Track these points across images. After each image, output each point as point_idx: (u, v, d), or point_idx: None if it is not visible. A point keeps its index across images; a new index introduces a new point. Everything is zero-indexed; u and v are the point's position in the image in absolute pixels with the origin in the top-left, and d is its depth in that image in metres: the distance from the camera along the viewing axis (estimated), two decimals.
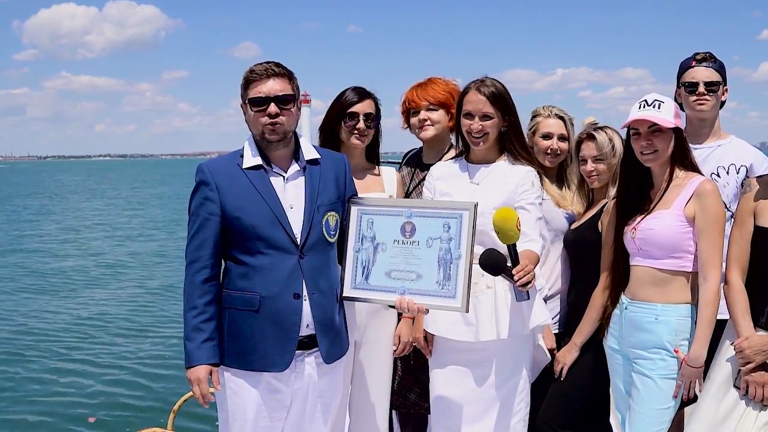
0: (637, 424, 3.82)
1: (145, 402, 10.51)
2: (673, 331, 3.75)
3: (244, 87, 3.65)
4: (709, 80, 4.51)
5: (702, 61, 4.57)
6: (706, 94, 4.49)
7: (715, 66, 4.56)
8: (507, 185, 4.04)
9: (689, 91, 4.53)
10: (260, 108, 3.60)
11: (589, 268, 4.21)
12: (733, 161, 4.48)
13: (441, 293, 3.59)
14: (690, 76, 4.56)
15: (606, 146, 4.29)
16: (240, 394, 3.66)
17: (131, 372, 11.99)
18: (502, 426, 4.11)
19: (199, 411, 8.50)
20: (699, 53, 4.62)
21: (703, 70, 4.55)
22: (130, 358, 12.83)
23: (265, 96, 3.59)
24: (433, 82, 4.71)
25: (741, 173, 4.47)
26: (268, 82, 3.60)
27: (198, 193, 3.65)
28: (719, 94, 4.55)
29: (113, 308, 16.96)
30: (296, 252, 3.60)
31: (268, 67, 3.62)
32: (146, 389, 11.11)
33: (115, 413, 10.08)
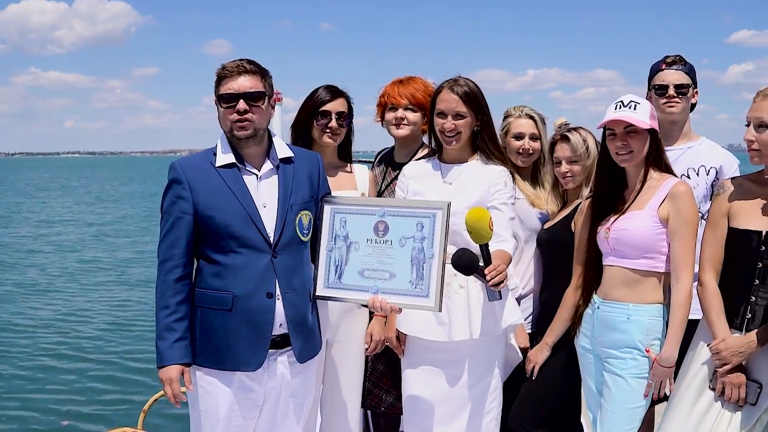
0: (609, 423, 3.84)
1: (115, 402, 10.42)
2: (645, 331, 3.78)
3: (216, 84, 3.63)
4: (678, 83, 4.57)
5: (672, 64, 4.63)
6: (676, 96, 4.55)
7: (684, 69, 4.62)
8: (480, 185, 4.06)
9: (659, 94, 4.58)
10: (230, 105, 3.58)
11: (562, 267, 4.24)
12: (704, 163, 4.54)
13: (414, 292, 3.60)
14: (660, 79, 4.62)
15: (580, 147, 4.32)
16: (212, 393, 3.65)
17: (100, 371, 11.89)
18: (474, 425, 4.13)
19: (170, 410, 8.46)
20: (669, 56, 4.67)
21: (672, 72, 4.60)
22: (100, 357, 12.73)
23: (235, 93, 3.57)
24: (414, 81, 4.71)
25: (711, 175, 4.53)
26: (238, 79, 3.59)
27: (170, 191, 3.62)
28: (689, 96, 4.61)
29: (83, 306, 16.81)
30: (269, 251, 3.59)
31: (240, 64, 3.61)
32: (116, 389, 11.03)
33: (84, 413, 9.98)
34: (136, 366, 12.06)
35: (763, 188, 3.70)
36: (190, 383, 3.63)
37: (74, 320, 15.46)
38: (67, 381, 11.47)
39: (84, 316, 15.81)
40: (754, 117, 3.59)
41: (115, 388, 11.10)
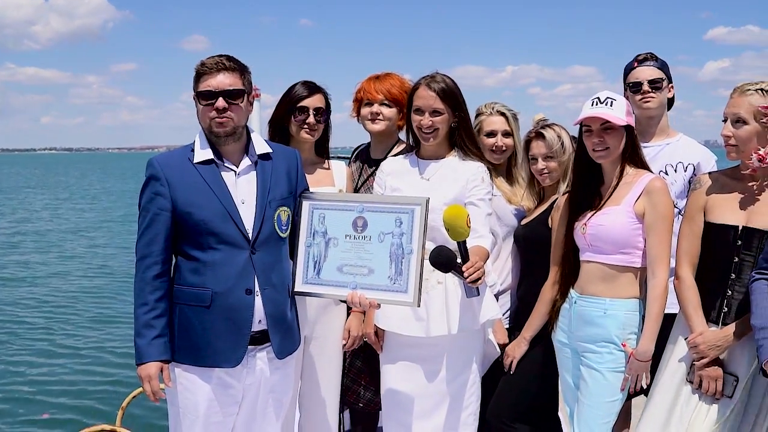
0: (586, 417, 3.87)
1: (93, 399, 10.40)
2: (621, 325, 3.81)
3: (195, 80, 3.62)
4: (652, 78, 4.62)
5: (644, 61, 4.68)
6: (650, 91, 4.59)
7: (657, 64, 4.67)
8: (457, 181, 4.08)
9: (634, 91, 4.63)
10: (208, 102, 3.57)
11: (539, 263, 4.25)
12: (681, 159, 4.58)
13: (392, 288, 3.61)
14: (633, 77, 4.67)
15: (555, 144, 4.34)
16: (191, 390, 3.64)
17: (79, 368, 11.87)
18: (453, 420, 4.15)
19: (149, 407, 8.45)
20: (640, 54, 4.74)
21: (645, 69, 4.65)
22: (80, 352, 12.73)
23: (214, 90, 3.56)
24: (390, 77, 4.73)
25: (689, 171, 4.57)
26: (217, 76, 3.57)
27: (148, 187, 3.61)
28: (663, 91, 4.66)
29: (63, 302, 16.78)
30: (248, 247, 3.59)
31: (219, 60, 3.60)
32: (94, 386, 11.00)
33: (63, 410, 9.97)
34: (115, 361, 12.05)
35: (739, 183, 3.74)
36: (169, 380, 3.62)
37: (54, 315, 15.47)
38: (47, 375, 11.45)
39: (64, 312, 15.81)
40: (731, 113, 3.63)
41: (94, 383, 11.09)
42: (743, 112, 3.58)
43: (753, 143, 3.59)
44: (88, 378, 11.32)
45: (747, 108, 3.58)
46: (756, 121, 3.57)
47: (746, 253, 3.61)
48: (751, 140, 3.59)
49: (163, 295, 3.58)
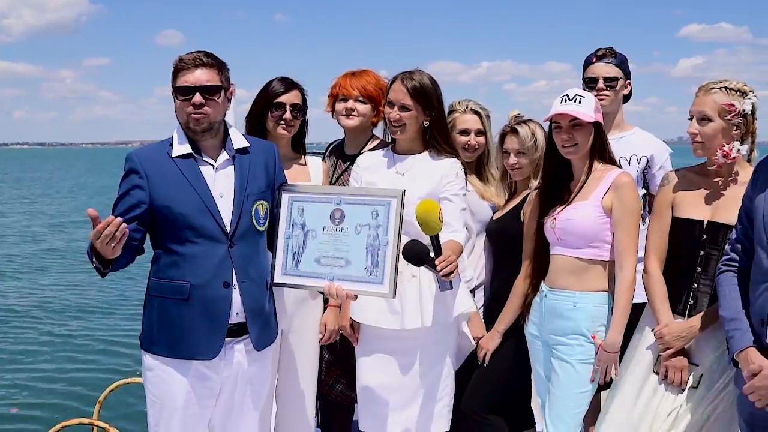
0: (557, 408, 3.94)
1: (70, 393, 10.33)
2: (591, 318, 3.88)
3: (173, 75, 3.65)
4: (607, 76, 4.71)
5: (602, 57, 4.76)
6: (605, 89, 4.69)
7: (615, 61, 4.74)
8: (432, 176, 4.13)
9: (590, 87, 4.70)
10: (186, 97, 3.60)
11: (511, 257, 4.31)
12: (635, 152, 4.69)
13: (369, 279, 3.66)
14: (590, 72, 4.76)
15: (528, 140, 4.39)
16: (169, 382, 3.67)
17: (55, 362, 11.79)
18: (427, 412, 4.21)
19: (126, 401, 8.44)
20: (600, 49, 4.81)
21: (602, 66, 4.74)
22: (55, 348, 12.62)
23: (191, 86, 3.59)
24: (366, 74, 4.77)
25: (642, 163, 4.68)
26: (195, 72, 3.60)
27: (127, 180, 3.64)
28: (618, 88, 4.74)
29: (37, 296, 16.65)
30: (226, 241, 3.63)
31: (197, 56, 3.63)
32: (71, 380, 10.94)
33: (39, 404, 9.90)
34: (92, 357, 11.99)
35: (705, 179, 3.81)
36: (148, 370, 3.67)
37: (29, 309, 15.32)
38: (20, 370, 11.37)
39: (39, 306, 15.66)
40: (696, 111, 3.72)
41: (70, 377, 11.03)
42: (708, 109, 3.66)
43: (718, 140, 3.67)
44: (64, 373, 11.25)
45: (711, 106, 3.66)
46: (720, 119, 3.65)
47: (711, 247, 3.69)
48: (716, 137, 3.67)
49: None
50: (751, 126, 3.73)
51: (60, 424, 4.90)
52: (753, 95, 3.69)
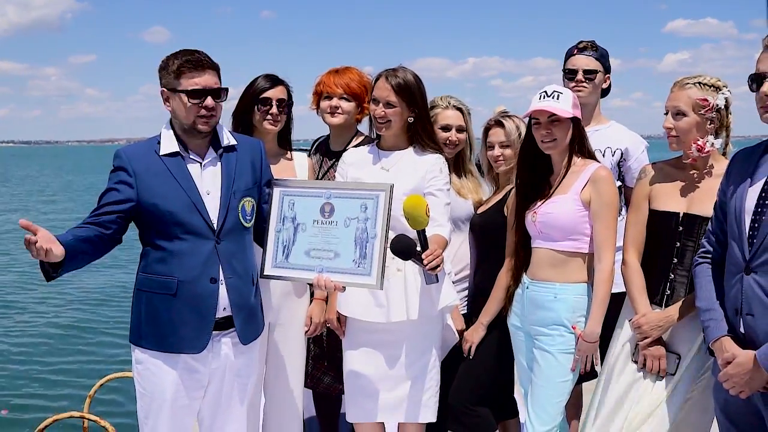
0: (539, 397, 4.00)
1: (61, 388, 10.37)
2: (571, 309, 3.95)
3: (176, 75, 3.65)
4: (587, 68, 4.77)
5: (583, 50, 4.82)
6: (583, 81, 4.75)
7: (595, 54, 4.80)
8: (417, 171, 4.18)
9: (569, 78, 4.78)
10: (198, 100, 3.63)
11: (495, 250, 4.37)
12: (609, 145, 4.75)
13: (357, 271, 3.71)
14: (571, 64, 4.82)
15: (513, 134, 4.44)
16: (158, 375, 3.72)
17: (46, 357, 11.82)
18: (414, 402, 4.26)
19: (117, 395, 8.48)
20: (582, 42, 4.87)
21: (583, 58, 4.80)
22: (46, 343, 12.64)
23: (202, 88, 3.63)
24: (350, 71, 4.82)
25: (616, 156, 4.74)
26: (204, 74, 3.65)
27: (115, 176, 3.68)
28: (597, 81, 4.80)
29: (26, 293, 16.67)
30: (213, 237, 3.67)
31: (202, 58, 3.67)
32: (62, 375, 10.97)
33: (30, 400, 9.94)
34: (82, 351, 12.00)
35: (681, 172, 3.89)
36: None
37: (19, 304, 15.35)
38: (11, 364, 11.41)
39: (30, 301, 15.64)
40: (672, 106, 3.79)
41: (59, 374, 11.04)
42: (682, 104, 3.74)
43: (693, 134, 3.75)
44: (55, 368, 11.28)
45: (686, 101, 3.74)
46: (694, 113, 3.73)
47: (687, 239, 3.76)
48: (691, 131, 3.75)
49: (83, 235, 3.50)
50: (726, 120, 3.81)
51: (51, 417, 4.90)
52: (727, 90, 3.76)
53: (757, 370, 3.10)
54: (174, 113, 3.72)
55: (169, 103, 3.70)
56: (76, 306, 15.26)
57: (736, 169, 3.37)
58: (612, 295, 3.94)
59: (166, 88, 3.69)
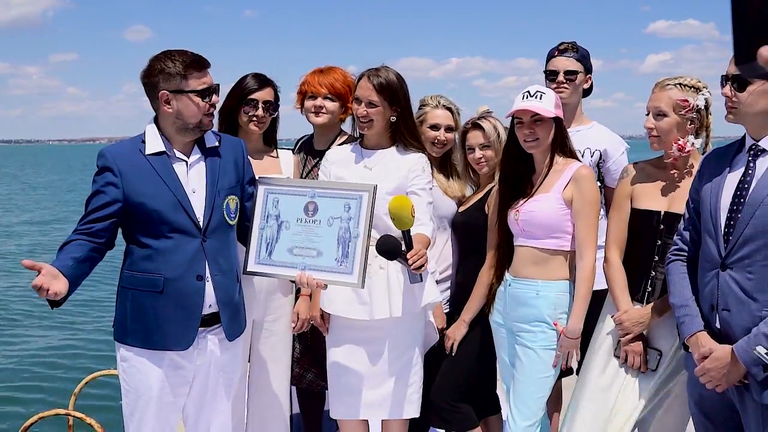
0: (521, 392, 4.04)
1: (46, 386, 10.34)
2: (553, 306, 3.99)
3: (183, 77, 3.65)
4: (568, 69, 4.81)
5: (564, 51, 4.85)
6: (564, 82, 4.78)
7: (576, 55, 4.84)
8: (400, 170, 4.22)
9: (551, 79, 4.82)
10: (207, 98, 3.69)
11: (476, 248, 4.40)
12: (589, 145, 4.79)
13: (339, 270, 3.76)
14: (552, 65, 4.86)
15: (492, 134, 4.47)
16: (144, 372, 3.73)
17: (31, 356, 11.78)
18: (398, 399, 4.29)
19: (102, 392, 8.46)
20: (563, 43, 4.90)
21: (563, 59, 4.83)
22: (30, 341, 12.59)
23: (209, 86, 3.70)
24: (334, 71, 4.85)
25: (595, 157, 4.78)
26: (207, 72, 3.72)
27: (101, 177, 3.67)
28: (578, 82, 4.84)
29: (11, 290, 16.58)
30: (199, 235, 3.70)
31: (203, 58, 3.72)
32: (47, 372, 10.95)
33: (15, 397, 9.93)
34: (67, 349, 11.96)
35: (662, 172, 3.94)
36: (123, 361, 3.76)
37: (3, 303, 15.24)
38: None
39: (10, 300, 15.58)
40: (653, 106, 3.85)
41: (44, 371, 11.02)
42: (663, 105, 3.80)
43: (673, 134, 3.81)
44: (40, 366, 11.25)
45: (667, 101, 3.79)
46: (675, 114, 3.78)
47: (668, 237, 3.80)
48: (672, 131, 3.81)
49: (82, 255, 3.54)
50: (706, 120, 3.87)
51: (37, 415, 4.90)
52: (707, 91, 3.82)
53: (734, 364, 3.15)
54: (179, 114, 3.69)
55: (171, 105, 3.68)
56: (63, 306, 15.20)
57: (709, 168, 3.42)
58: (594, 293, 3.99)
59: (169, 90, 3.66)
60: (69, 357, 11.62)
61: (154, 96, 3.71)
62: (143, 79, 3.73)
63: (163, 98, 3.68)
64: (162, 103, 3.69)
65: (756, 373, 3.09)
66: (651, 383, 3.87)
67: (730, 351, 3.16)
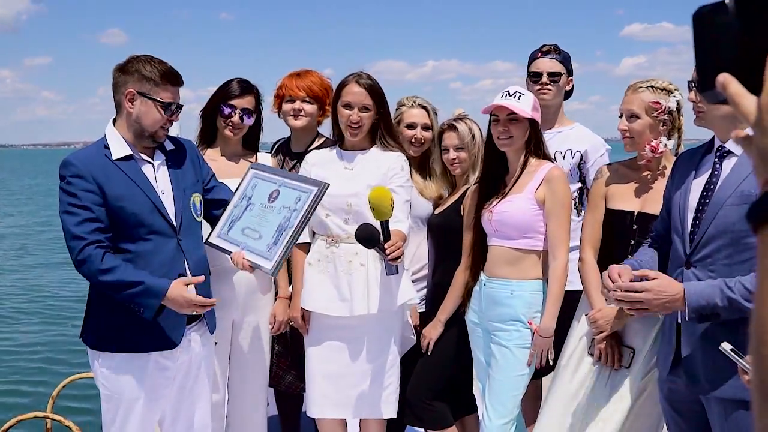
0: (496, 391, 4.07)
1: (23, 389, 10.29)
2: (527, 305, 4.03)
3: (156, 84, 3.68)
4: (551, 71, 4.85)
5: (547, 53, 4.90)
6: (548, 84, 4.82)
7: (558, 57, 4.89)
8: (379, 169, 4.27)
9: (534, 81, 4.85)
10: (168, 113, 3.72)
11: (453, 249, 4.43)
12: (570, 147, 4.83)
13: (266, 255, 3.86)
14: (535, 67, 4.89)
15: (467, 136, 4.52)
16: (127, 377, 3.73)
17: (9, 358, 11.72)
18: (375, 398, 4.33)
19: (80, 394, 8.41)
20: (545, 45, 4.94)
21: (547, 61, 4.88)
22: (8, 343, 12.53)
23: (174, 103, 3.73)
24: (310, 74, 4.86)
25: (576, 158, 4.82)
26: (178, 89, 3.76)
27: (73, 186, 3.60)
28: (561, 84, 4.89)
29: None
30: (174, 235, 3.74)
31: (178, 73, 3.76)
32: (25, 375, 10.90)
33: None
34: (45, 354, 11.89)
35: (635, 173, 4.00)
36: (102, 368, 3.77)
37: None
38: None
39: None
40: (626, 109, 3.91)
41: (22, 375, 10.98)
42: (636, 107, 3.85)
43: (646, 135, 3.86)
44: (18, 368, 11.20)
45: (639, 104, 3.85)
46: (647, 116, 3.84)
47: (641, 237, 3.84)
48: (644, 133, 3.86)
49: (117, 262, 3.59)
50: (677, 122, 3.93)
51: (15, 418, 4.89)
52: (678, 93, 3.88)
53: (677, 301, 3.10)
54: (138, 117, 3.71)
55: (133, 105, 3.70)
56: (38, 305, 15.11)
57: (680, 169, 3.48)
58: (567, 293, 4.04)
59: (137, 90, 3.69)
60: (47, 359, 11.55)
61: (120, 91, 3.73)
62: (116, 72, 3.75)
63: (128, 96, 3.70)
64: (125, 101, 3.71)
65: (691, 318, 3.09)
66: (624, 380, 3.89)
67: (682, 289, 3.12)
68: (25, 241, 26.57)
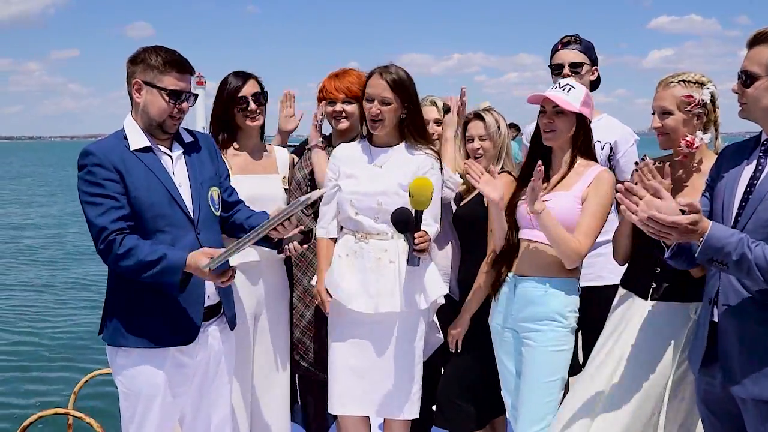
0: (527, 396, 3.98)
1: (45, 386, 10.36)
2: (562, 304, 3.95)
3: (160, 72, 3.64)
4: (573, 61, 4.80)
5: (567, 44, 4.85)
6: (570, 75, 4.75)
7: (580, 48, 4.84)
8: (409, 167, 4.22)
9: (556, 73, 4.81)
10: (175, 101, 3.65)
11: (478, 242, 4.38)
12: (599, 138, 4.69)
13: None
14: (556, 59, 4.86)
15: (493, 126, 4.47)
16: (146, 374, 3.69)
17: (31, 354, 11.81)
18: (398, 397, 4.29)
19: (101, 391, 8.46)
20: (566, 36, 4.90)
21: (568, 52, 4.83)
22: (31, 340, 12.60)
23: (182, 90, 3.66)
24: (349, 74, 4.81)
25: (606, 150, 4.76)
26: (186, 77, 3.69)
27: (96, 175, 3.56)
28: (584, 74, 4.82)
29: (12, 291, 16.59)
30: (193, 228, 3.69)
31: (186, 61, 3.70)
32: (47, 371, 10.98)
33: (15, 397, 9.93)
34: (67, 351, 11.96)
35: (672, 170, 3.85)
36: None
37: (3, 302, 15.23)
38: None
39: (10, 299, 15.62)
40: (658, 106, 3.80)
41: (44, 371, 11.05)
42: (668, 103, 3.75)
43: (681, 131, 3.75)
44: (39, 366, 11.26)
45: (671, 99, 3.74)
46: (680, 111, 3.73)
47: None
48: (679, 129, 3.75)
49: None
50: (713, 115, 3.81)
51: (36, 414, 4.89)
52: (711, 85, 3.77)
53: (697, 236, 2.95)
54: (144, 107, 3.68)
55: (141, 95, 3.67)
56: (60, 302, 15.20)
57: (726, 161, 3.37)
58: (600, 288, 3.94)
59: (143, 80, 3.66)
60: (69, 355, 11.62)
61: (129, 82, 3.71)
62: (127, 64, 3.73)
63: (135, 87, 3.68)
64: (134, 91, 3.70)
65: (699, 257, 2.97)
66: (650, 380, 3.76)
67: (708, 227, 2.95)
68: (58, 230, 26.78)
